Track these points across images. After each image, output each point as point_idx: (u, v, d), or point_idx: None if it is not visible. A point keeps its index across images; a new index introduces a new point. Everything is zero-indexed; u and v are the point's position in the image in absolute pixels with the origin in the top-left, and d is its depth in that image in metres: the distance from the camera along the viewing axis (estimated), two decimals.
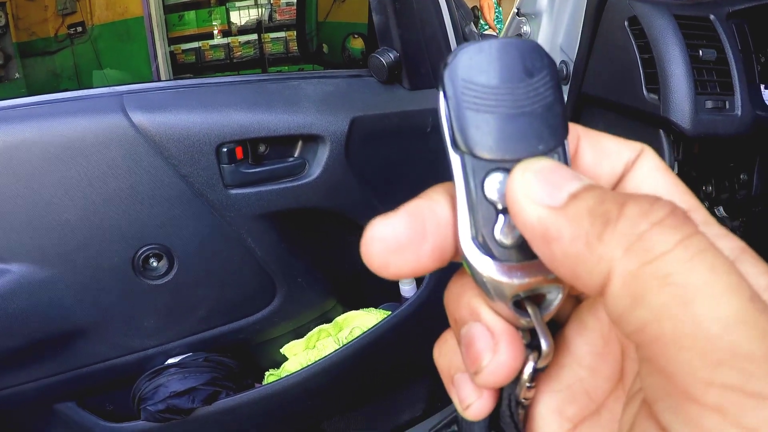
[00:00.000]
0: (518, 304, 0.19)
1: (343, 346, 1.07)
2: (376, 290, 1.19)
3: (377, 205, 1.03)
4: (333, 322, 1.14)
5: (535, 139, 0.19)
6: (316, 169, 0.96)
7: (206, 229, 0.96)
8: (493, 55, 0.19)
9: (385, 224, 0.19)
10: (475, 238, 0.19)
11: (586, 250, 0.16)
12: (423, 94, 1.01)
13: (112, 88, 0.94)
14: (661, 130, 1.13)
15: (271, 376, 1.12)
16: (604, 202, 0.17)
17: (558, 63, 1.24)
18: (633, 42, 1.11)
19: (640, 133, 1.13)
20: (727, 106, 1.09)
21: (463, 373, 0.20)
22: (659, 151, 1.12)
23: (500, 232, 0.19)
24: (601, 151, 0.21)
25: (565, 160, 0.19)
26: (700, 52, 1.08)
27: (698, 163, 1.28)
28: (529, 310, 0.19)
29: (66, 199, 0.89)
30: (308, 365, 1.07)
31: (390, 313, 1.11)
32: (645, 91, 1.10)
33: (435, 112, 1.07)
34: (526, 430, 0.21)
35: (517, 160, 0.18)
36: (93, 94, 0.93)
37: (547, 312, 0.19)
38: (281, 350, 1.12)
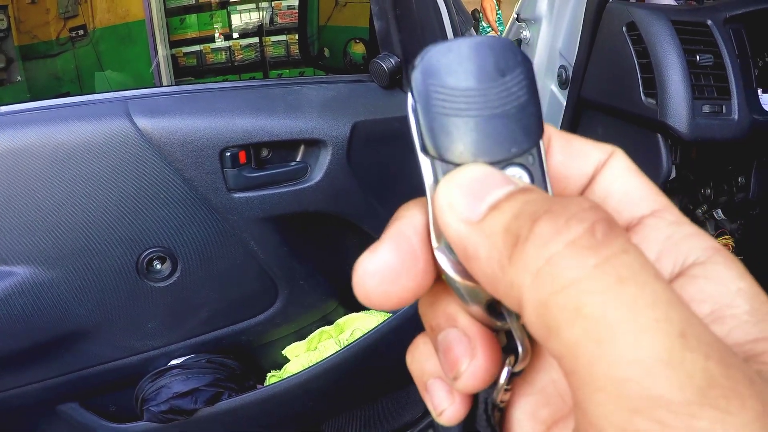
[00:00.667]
0: (494, 308, 0.18)
1: (344, 347, 1.08)
2: None
3: (378, 209, 1.04)
4: (334, 324, 1.15)
5: (508, 141, 0.18)
6: (318, 173, 0.97)
7: (209, 232, 0.97)
8: (463, 54, 0.18)
9: (373, 257, 0.18)
10: (447, 244, 0.18)
11: (499, 273, 0.15)
12: None
13: (116, 93, 0.95)
14: (658, 135, 1.14)
15: (272, 378, 1.12)
16: (519, 217, 0.15)
17: (557, 68, 1.25)
18: (631, 47, 1.12)
19: (638, 138, 1.14)
20: (724, 111, 1.10)
21: (436, 379, 0.20)
22: (657, 155, 1.13)
23: None
24: (571, 152, 0.20)
25: (540, 160, 0.18)
26: (698, 57, 1.10)
27: (697, 166, 1.29)
28: (505, 313, 0.18)
29: (71, 203, 0.90)
30: (309, 366, 1.08)
31: (391, 315, 1.12)
32: (643, 96, 1.11)
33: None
34: None
35: (490, 164, 0.18)
36: (98, 99, 0.94)
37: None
38: (283, 352, 1.13)
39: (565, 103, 1.22)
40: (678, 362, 0.13)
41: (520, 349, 0.19)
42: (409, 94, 0.18)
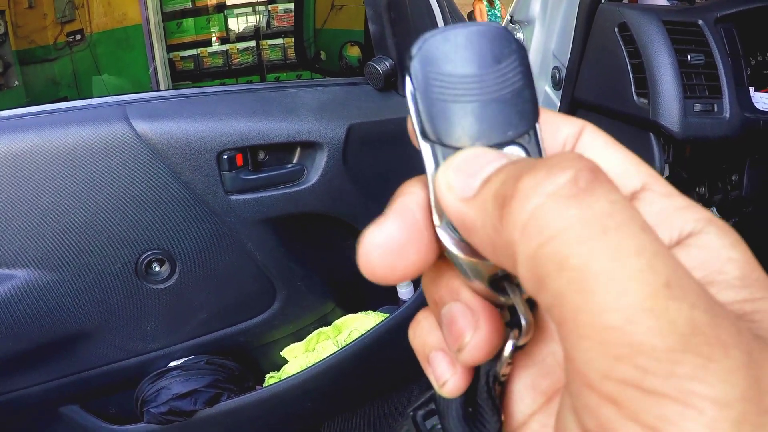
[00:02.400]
0: (497, 283, 0.19)
1: (342, 348, 1.09)
2: (374, 293, 1.20)
3: (374, 210, 1.04)
4: (332, 324, 1.15)
5: (505, 125, 0.19)
6: (314, 175, 0.98)
7: (207, 234, 0.98)
8: (460, 42, 0.18)
9: (379, 230, 0.18)
10: (448, 222, 0.18)
11: (495, 236, 0.16)
12: None
13: (115, 97, 0.96)
14: (651, 134, 1.15)
15: (271, 379, 1.13)
16: (506, 181, 0.16)
17: (551, 69, 1.26)
18: (623, 48, 1.13)
19: (631, 137, 1.15)
20: (716, 109, 1.11)
21: (438, 351, 0.20)
22: (650, 154, 1.14)
23: None
24: (543, 126, 0.20)
25: (537, 143, 0.19)
26: (689, 56, 1.11)
27: (690, 165, 1.30)
28: (508, 288, 0.19)
29: (70, 206, 0.90)
30: (308, 367, 1.08)
31: (388, 315, 1.12)
32: (635, 96, 1.13)
33: None
34: (502, 405, 0.21)
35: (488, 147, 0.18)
36: (97, 103, 0.95)
37: (525, 290, 0.19)
38: (281, 353, 1.14)
39: (559, 104, 1.23)
40: (661, 310, 0.13)
41: (523, 323, 0.19)
42: (408, 81, 0.19)
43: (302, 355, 1.12)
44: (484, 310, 0.19)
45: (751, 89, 1.19)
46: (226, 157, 0.93)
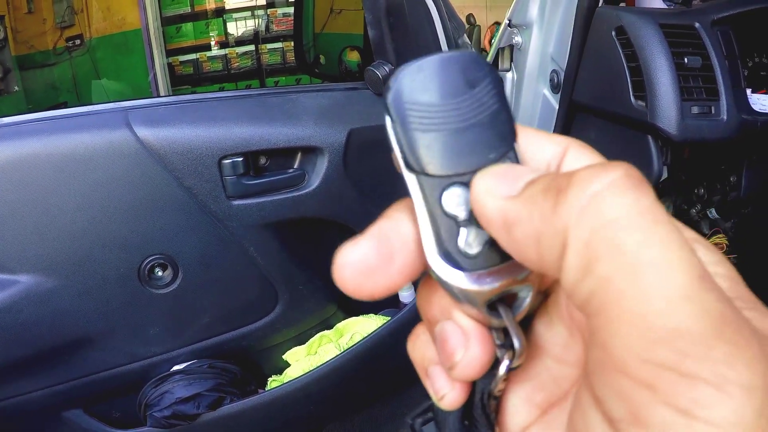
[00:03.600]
0: (492, 306, 0.19)
1: (344, 351, 1.09)
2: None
3: (375, 214, 1.05)
4: (334, 328, 1.16)
5: (486, 148, 0.19)
6: (315, 180, 0.99)
7: (210, 239, 0.98)
8: (433, 71, 0.19)
9: (353, 250, 0.19)
10: (440, 253, 0.19)
11: (543, 225, 0.16)
12: None
13: (117, 103, 0.96)
14: (649, 136, 1.16)
15: (274, 382, 1.13)
16: (556, 178, 0.17)
17: (549, 72, 1.27)
18: (620, 51, 1.14)
19: (629, 140, 1.16)
20: (713, 112, 1.12)
21: (436, 365, 0.21)
22: (648, 156, 1.15)
23: (465, 243, 0.19)
24: (526, 142, 0.21)
25: (516, 162, 0.19)
26: (686, 59, 1.12)
27: (689, 166, 1.31)
28: (502, 312, 0.19)
29: (73, 211, 0.91)
30: (310, 371, 1.09)
31: (389, 318, 1.13)
32: (633, 99, 1.13)
33: None
34: (497, 418, 0.22)
35: (471, 172, 0.19)
36: (99, 110, 0.96)
37: (519, 311, 0.20)
38: (283, 356, 1.14)
39: (557, 107, 1.24)
40: (698, 299, 0.14)
41: (516, 345, 0.19)
42: (387, 116, 0.19)
43: (304, 359, 1.12)
44: (475, 330, 0.19)
45: (748, 91, 1.20)
46: (227, 162, 0.94)
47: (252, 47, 2.85)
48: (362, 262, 0.19)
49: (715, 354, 0.14)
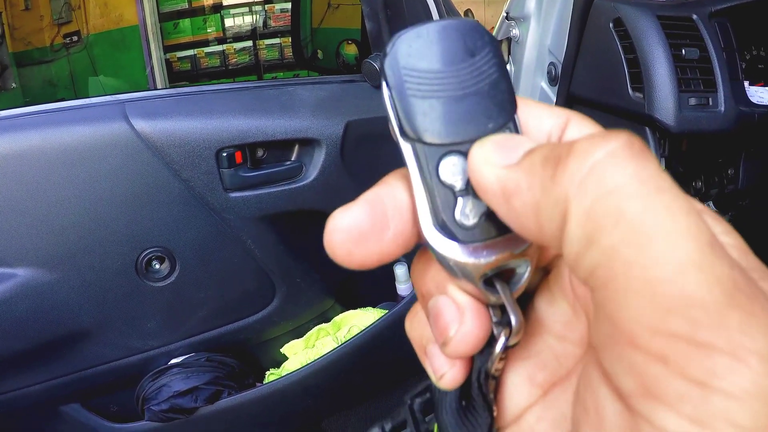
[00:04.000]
0: (488, 282, 0.19)
1: (342, 344, 1.09)
2: (374, 289, 1.21)
3: None
4: (331, 321, 1.16)
5: (484, 117, 0.18)
6: (312, 172, 0.99)
7: (207, 231, 0.98)
8: (432, 38, 0.18)
9: (345, 215, 0.18)
10: (436, 224, 0.18)
11: (542, 196, 0.16)
12: None
13: (114, 96, 0.96)
14: (647, 128, 1.15)
15: (271, 375, 1.13)
16: (555, 148, 0.16)
17: (547, 65, 1.27)
18: (618, 43, 1.13)
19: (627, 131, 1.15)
20: (711, 103, 1.12)
21: (435, 344, 0.20)
22: None
23: (461, 214, 0.18)
24: (527, 114, 0.20)
25: (516, 133, 0.19)
26: (683, 51, 1.11)
27: (687, 159, 1.31)
28: (498, 287, 0.19)
29: (70, 204, 0.91)
30: (308, 364, 1.08)
31: (387, 311, 1.13)
32: (630, 90, 1.13)
33: None
34: (496, 398, 0.21)
35: (469, 141, 0.18)
36: (96, 102, 0.95)
37: (517, 287, 0.19)
38: (281, 350, 1.14)
39: (555, 100, 1.24)
40: (708, 266, 0.13)
41: (514, 322, 0.19)
42: (383, 81, 0.19)
43: (302, 352, 1.12)
44: (470, 304, 0.19)
45: (746, 83, 1.20)
46: (225, 154, 0.94)
47: (250, 43, 2.84)
48: (354, 228, 0.18)
49: (730, 322, 0.13)
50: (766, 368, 0.13)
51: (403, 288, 1.17)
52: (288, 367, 1.12)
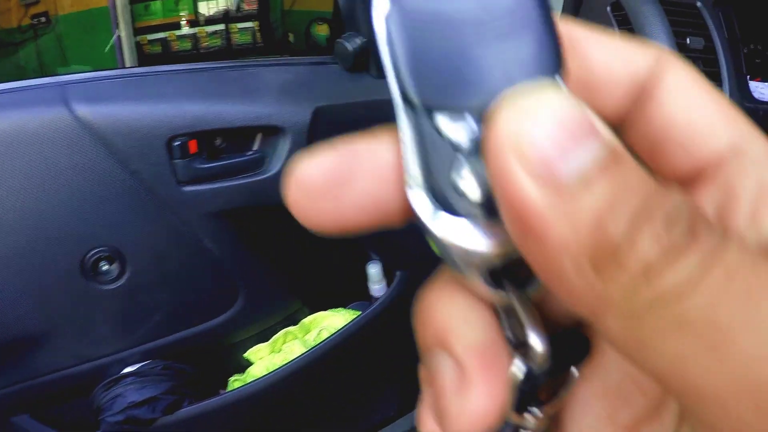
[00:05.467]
0: (496, 278, 0.14)
1: (311, 348, 1.03)
2: (344, 289, 1.15)
3: None
4: (299, 323, 1.10)
5: (516, 70, 0.13)
6: (276, 164, 0.91)
7: (160, 229, 0.91)
8: None
9: (307, 161, 0.15)
10: (427, 188, 0.13)
11: (573, 272, 0.12)
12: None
13: (55, 78, 0.88)
14: None
15: (236, 382, 1.07)
16: (614, 208, 0.11)
17: None
18: (617, 29, 1.07)
19: None
20: None
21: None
22: None
23: (463, 181, 0.13)
24: (612, 51, 0.15)
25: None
26: (688, 40, 1.05)
27: None
28: (509, 289, 0.14)
29: (6, 200, 0.83)
30: (275, 369, 1.02)
31: (359, 313, 1.07)
32: None
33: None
34: None
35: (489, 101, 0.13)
36: (34, 84, 0.88)
37: (536, 289, 0.14)
38: (245, 355, 1.08)
39: None
40: None
41: (534, 343, 0.14)
42: (379, 20, 0.14)
43: (268, 357, 1.06)
44: (480, 370, 0.14)
45: (747, 77, 1.15)
46: (177, 143, 0.86)
47: (222, 26, 2.76)
48: (313, 178, 0.14)
49: None
50: None
51: (377, 288, 1.10)
52: (253, 373, 1.06)
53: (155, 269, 0.94)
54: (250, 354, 1.07)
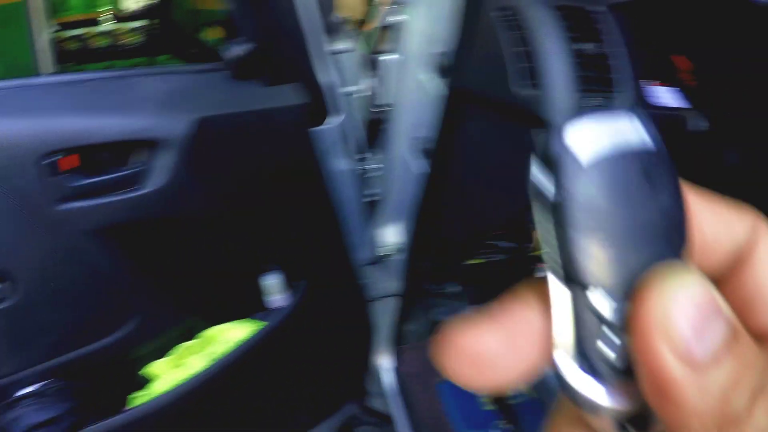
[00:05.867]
0: (622, 426, 0.17)
1: (213, 362, 1.01)
2: (240, 300, 1.12)
3: (227, 212, 0.96)
4: (200, 336, 1.07)
5: (653, 249, 0.16)
6: (158, 178, 0.88)
7: (43, 247, 0.87)
8: (613, 169, 0.17)
9: (473, 335, 0.17)
10: (576, 353, 0.16)
11: (701, 431, 0.14)
12: (281, 90, 0.94)
13: None
14: (539, 128, 1.10)
15: (137, 399, 1.04)
16: (739, 385, 0.14)
17: (435, 54, 1.18)
18: (509, 34, 1.07)
19: (519, 132, 1.10)
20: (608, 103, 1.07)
21: None
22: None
23: (606, 347, 0.16)
24: (717, 217, 0.18)
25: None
26: (580, 46, 1.06)
27: None
28: None
29: None
30: (178, 385, 1.00)
31: (261, 324, 1.05)
32: (522, 87, 1.07)
33: (296, 109, 1.01)
34: None
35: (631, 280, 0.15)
36: None
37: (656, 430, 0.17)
38: (145, 371, 1.05)
39: (442, 93, 1.16)
40: None
41: None
42: (545, 216, 0.16)
43: (170, 372, 1.03)
44: None
45: (643, 83, 1.17)
46: (51, 160, 0.82)
47: (144, 23, 2.67)
48: (484, 353, 0.16)
49: None
50: None
51: (277, 299, 1.08)
52: (157, 389, 1.03)
53: (45, 288, 0.90)
54: (150, 370, 1.04)
